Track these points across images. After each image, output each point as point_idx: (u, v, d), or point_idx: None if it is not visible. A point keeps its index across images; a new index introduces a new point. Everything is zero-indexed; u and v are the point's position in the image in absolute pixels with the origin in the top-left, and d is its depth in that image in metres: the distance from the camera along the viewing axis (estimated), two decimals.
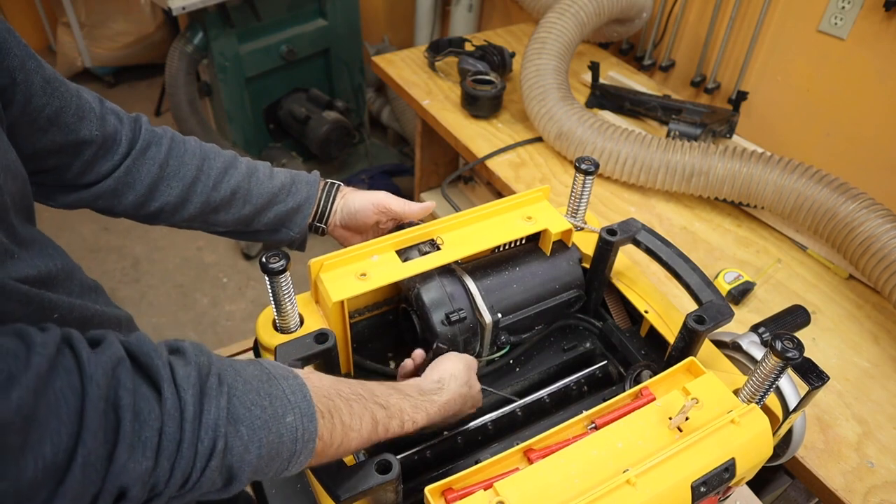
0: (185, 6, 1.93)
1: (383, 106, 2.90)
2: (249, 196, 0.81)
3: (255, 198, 0.81)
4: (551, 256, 0.83)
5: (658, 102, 1.55)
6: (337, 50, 2.50)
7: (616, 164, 1.34)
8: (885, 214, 1.07)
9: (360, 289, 0.71)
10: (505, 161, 1.46)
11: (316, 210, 0.86)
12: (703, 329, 0.69)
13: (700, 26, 1.71)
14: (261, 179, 0.82)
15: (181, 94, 2.25)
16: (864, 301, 1.18)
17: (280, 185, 0.83)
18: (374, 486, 0.56)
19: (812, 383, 0.62)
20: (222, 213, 0.80)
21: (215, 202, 0.79)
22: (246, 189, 0.80)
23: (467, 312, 0.75)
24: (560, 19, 1.48)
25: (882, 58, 1.35)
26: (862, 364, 1.07)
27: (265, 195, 0.81)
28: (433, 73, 1.78)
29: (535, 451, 0.60)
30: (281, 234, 0.86)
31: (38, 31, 3.65)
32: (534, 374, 0.83)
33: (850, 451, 0.93)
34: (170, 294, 2.35)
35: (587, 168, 0.81)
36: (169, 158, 0.76)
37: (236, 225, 0.82)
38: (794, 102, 1.56)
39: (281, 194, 0.83)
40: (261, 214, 0.82)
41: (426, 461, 0.73)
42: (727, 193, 1.28)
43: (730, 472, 0.60)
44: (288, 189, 0.83)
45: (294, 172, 0.86)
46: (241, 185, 0.80)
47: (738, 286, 1.15)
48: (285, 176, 0.84)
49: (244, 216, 0.81)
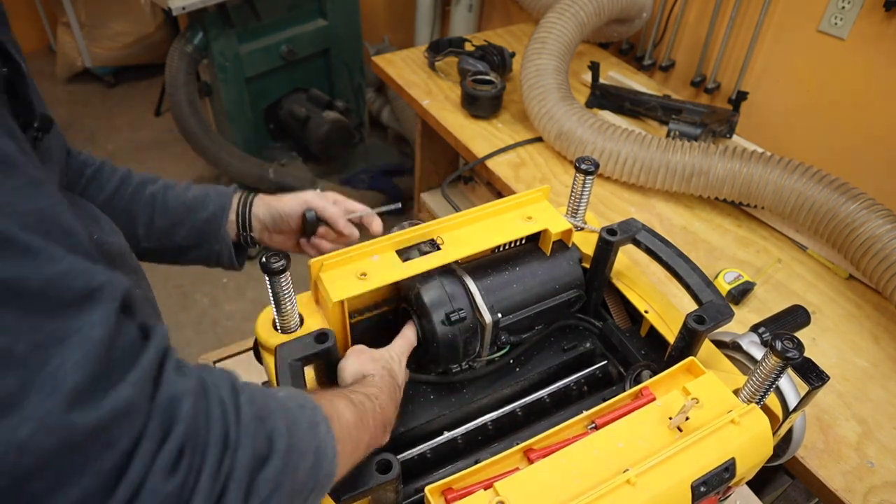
0: (185, 6, 1.93)
1: (383, 106, 2.90)
2: (165, 207, 0.84)
3: (170, 209, 0.85)
4: (551, 256, 0.83)
5: (658, 102, 1.55)
6: (337, 50, 2.50)
7: (616, 164, 1.34)
8: (885, 215, 1.07)
9: (361, 288, 0.71)
10: (505, 161, 1.46)
11: (237, 221, 0.87)
12: (703, 329, 0.69)
13: (700, 26, 1.71)
14: (176, 193, 0.86)
15: (181, 94, 2.25)
16: (864, 301, 1.18)
17: (193, 197, 0.86)
18: (374, 485, 0.56)
19: (812, 383, 0.62)
20: (141, 225, 0.83)
21: (135, 212, 0.82)
22: (162, 199, 0.84)
23: (467, 312, 0.75)
24: (560, 19, 1.48)
25: (882, 58, 1.35)
26: (862, 364, 1.07)
27: (180, 207, 0.85)
28: (433, 73, 1.78)
29: (535, 451, 0.61)
30: (204, 250, 0.88)
31: (38, 31, 3.65)
32: (534, 374, 0.82)
33: (850, 451, 0.93)
34: (170, 294, 2.35)
35: (587, 168, 0.81)
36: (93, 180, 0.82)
37: (160, 239, 0.85)
38: (794, 102, 1.56)
39: (195, 205, 0.86)
40: (178, 227, 0.85)
41: (426, 461, 0.73)
42: (727, 193, 1.28)
43: (730, 471, 0.60)
44: (201, 201, 0.86)
45: (209, 186, 0.89)
46: (156, 194, 0.84)
47: (738, 286, 1.15)
48: (200, 189, 0.88)
49: (162, 228, 0.84)
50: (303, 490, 0.46)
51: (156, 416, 0.37)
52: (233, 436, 0.41)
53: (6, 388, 0.32)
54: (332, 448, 0.49)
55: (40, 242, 0.35)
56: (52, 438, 0.33)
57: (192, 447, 0.38)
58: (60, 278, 0.35)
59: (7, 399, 0.32)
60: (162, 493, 0.36)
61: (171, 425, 0.38)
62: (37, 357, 0.33)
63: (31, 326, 0.33)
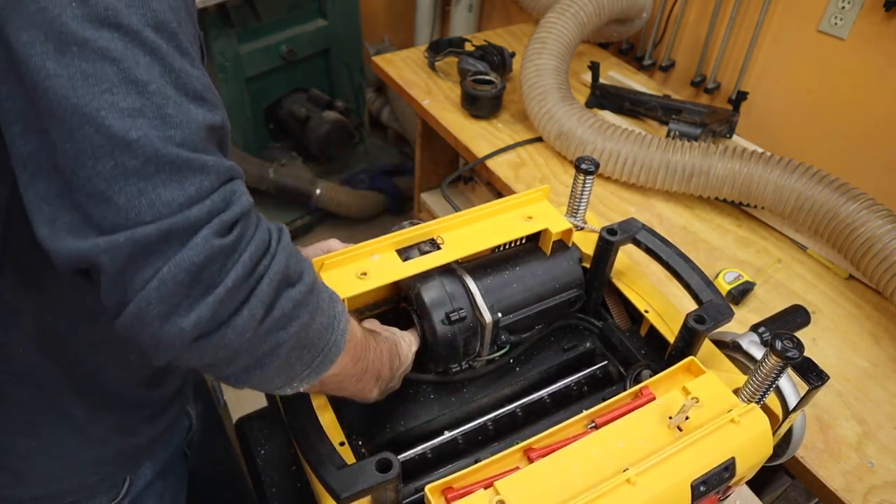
0: None
1: (383, 106, 2.90)
2: None
3: None
4: (551, 256, 0.83)
5: (658, 102, 1.55)
6: (337, 50, 2.50)
7: (616, 164, 1.34)
8: (886, 215, 1.07)
9: (361, 288, 0.71)
10: (505, 161, 1.46)
11: None
12: (703, 329, 0.69)
13: (700, 26, 1.71)
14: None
15: None
16: (864, 301, 1.18)
17: None
18: (374, 484, 0.56)
19: (812, 383, 0.62)
20: None
21: None
22: None
23: (467, 312, 0.75)
24: (560, 19, 1.48)
25: (882, 58, 1.35)
26: (862, 364, 1.07)
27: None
28: (433, 73, 1.78)
29: (535, 451, 0.61)
30: None
31: None
32: (534, 373, 0.83)
33: (850, 451, 0.93)
34: None
35: (587, 168, 0.81)
36: None
37: None
38: (794, 102, 1.56)
39: None
40: None
41: (426, 461, 0.73)
42: (727, 193, 1.28)
43: (730, 471, 0.60)
44: None
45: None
46: None
47: (738, 286, 1.15)
48: None
49: None
50: (313, 344, 0.53)
51: (221, 192, 0.45)
52: (273, 248, 0.48)
53: (134, 102, 0.42)
54: (344, 323, 0.56)
55: (193, 54, 0.47)
56: (148, 150, 0.42)
57: (243, 228, 0.46)
58: (194, 76, 0.46)
59: (128, 109, 0.42)
60: (211, 244, 0.44)
61: (230, 203, 0.46)
62: (158, 98, 0.43)
63: (163, 84, 0.44)
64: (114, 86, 0.42)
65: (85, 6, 0.41)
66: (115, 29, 0.42)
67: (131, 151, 0.42)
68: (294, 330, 0.50)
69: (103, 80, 0.41)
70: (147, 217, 0.42)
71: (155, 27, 0.43)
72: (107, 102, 0.41)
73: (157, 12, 0.44)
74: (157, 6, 0.44)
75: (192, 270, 0.43)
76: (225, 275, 0.45)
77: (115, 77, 0.42)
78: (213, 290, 0.44)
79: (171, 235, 0.43)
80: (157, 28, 0.44)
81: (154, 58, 0.43)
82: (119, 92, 0.42)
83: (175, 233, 0.43)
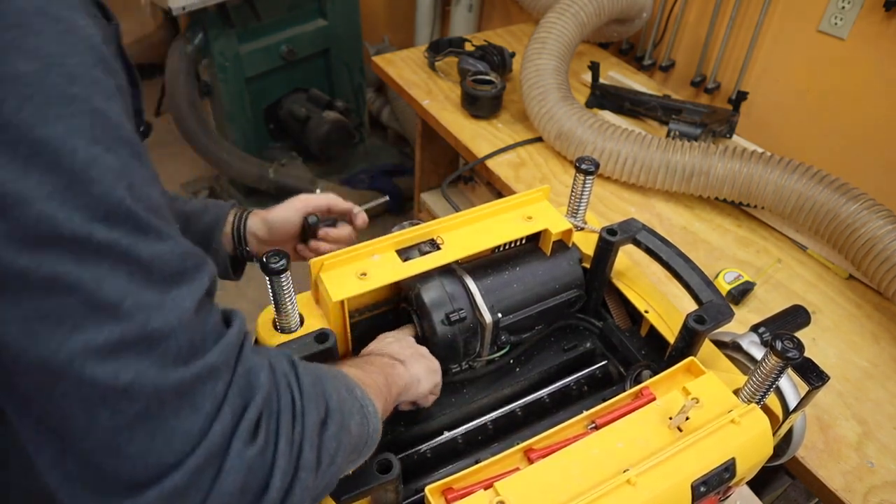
0: (185, 6, 1.92)
1: (383, 106, 2.90)
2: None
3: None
4: (551, 256, 0.83)
5: (658, 102, 1.55)
6: (337, 50, 2.50)
7: (616, 164, 1.34)
8: (886, 215, 1.07)
9: (361, 288, 0.71)
10: (505, 161, 1.46)
11: (233, 235, 0.89)
12: (703, 329, 0.69)
13: (700, 26, 1.71)
14: (176, 205, 0.87)
15: (181, 94, 2.25)
16: (864, 301, 1.18)
17: (191, 209, 0.87)
18: (374, 485, 0.56)
19: (812, 383, 0.62)
20: None
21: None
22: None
23: (467, 312, 0.75)
24: (560, 19, 1.48)
25: (882, 58, 1.35)
26: (862, 364, 1.07)
27: (179, 217, 0.85)
28: (433, 73, 1.78)
29: (535, 451, 0.61)
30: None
31: None
32: (534, 373, 0.83)
33: (850, 451, 0.93)
34: None
35: (587, 168, 0.81)
36: None
37: None
38: (794, 102, 1.56)
39: (192, 216, 0.86)
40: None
41: (426, 461, 0.73)
42: (727, 193, 1.28)
43: (730, 471, 0.60)
44: (199, 213, 0.87)
45: (209, 200, 0.91)
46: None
47: (738, 286, 1.15)
48: (199, 202, 0.90)
49: None
50: (358, 445, 0.53)
51: (236, 385, 0.41)
52: (298, 405, 0.45)
53: (111, 334, 0.35)
54: (372, 405, 0.55)
55: (157, 223, 0.39)
56: (147, 390, 0.36)
57: (268, 416, 0.42)
58: (167, 254, 0.39)
59: (108, 345, 0.35)
60: (246, 457, 0.39)
61: (250, 395, 0.41)
62: (139, 315, 0.36)
63: (137, 291, 0.36)
64: (79, 321, 0.34)
65: (6, 222, 0.32)
66: (56, 244, 0.33)
67: (127, 398, 0.35)
68: (341, 459, 0.49)
69: (65, 317, 0.34)
70: (169, 459, 0.36)
71: (105, 217, 0.35)
72: (78, 347, 0.34)
73: (103, 193, 0.35)
74: (98, 182, 0.35)
75: (235, 493, 0.39)
76: (270, 476, 0.41)
77: (78, 309, 0.34)
78: (265, 495, 0.41)
79: (202, 471, 0.37)
80: (107, 216, 0.35)
81: (116, 261, 0.35)
82: (89, 328, 0.34)
83: (205, 466, 0.37)
